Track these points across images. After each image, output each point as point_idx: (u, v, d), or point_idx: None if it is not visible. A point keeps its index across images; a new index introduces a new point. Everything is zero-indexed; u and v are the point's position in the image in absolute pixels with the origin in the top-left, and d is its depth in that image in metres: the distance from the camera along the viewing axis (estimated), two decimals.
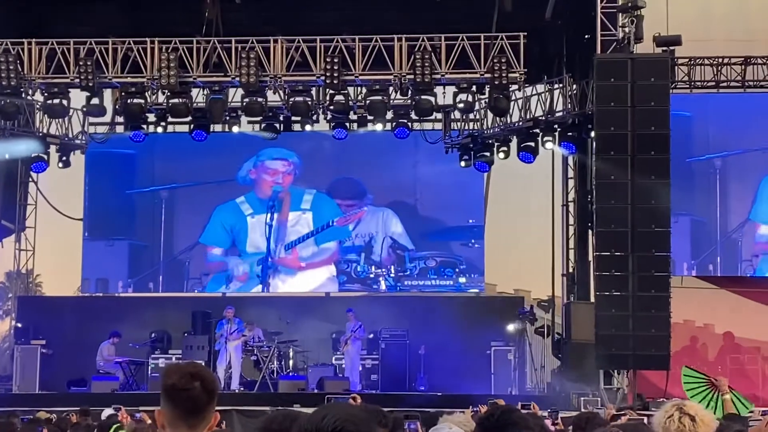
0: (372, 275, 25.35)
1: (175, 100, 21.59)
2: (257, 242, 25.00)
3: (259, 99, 21.66)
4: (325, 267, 25.28)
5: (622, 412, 13.20)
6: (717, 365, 21.95)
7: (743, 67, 22.14)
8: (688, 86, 22.21)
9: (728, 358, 22.63)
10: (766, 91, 22.30)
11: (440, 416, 6.67)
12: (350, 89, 22.32)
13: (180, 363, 4.70)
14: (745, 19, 23.05)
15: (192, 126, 23.31)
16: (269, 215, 24.94)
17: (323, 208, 25.20)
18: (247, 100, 21.81)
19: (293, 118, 23.05)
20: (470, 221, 25.47)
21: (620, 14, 20.78)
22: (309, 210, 25.20)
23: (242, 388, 22.02)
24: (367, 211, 25.30)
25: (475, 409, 12.57)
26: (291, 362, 23.09)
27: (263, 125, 23.46)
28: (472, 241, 25.36)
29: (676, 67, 21.87)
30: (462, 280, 25.32)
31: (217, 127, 23.53)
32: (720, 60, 22.17)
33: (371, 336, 23.42)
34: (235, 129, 23.33)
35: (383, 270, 25.33)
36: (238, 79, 21.16)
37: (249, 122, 23.58)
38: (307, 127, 23.40)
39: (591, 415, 8.08)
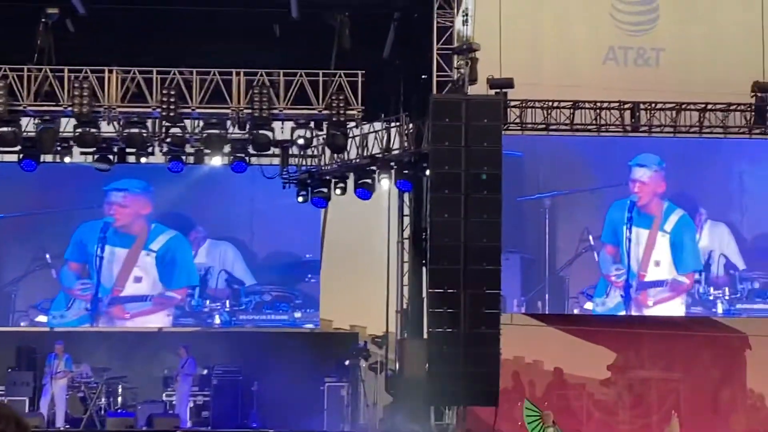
0: (206, 309, 25.09)
1: (4, 129, 21.02)
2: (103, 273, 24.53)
3: (92, 130, 21.27)
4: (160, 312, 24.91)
5: None
6: (544, 401, 22.43)
7: (572, 111, 22.83)
8: (519, 128, 22.76)
9: (555, 394, 23.17)
10: (593, 134, 23.03)
11: None
12: (187, 122, 22.13)
13: None
14: (573, 66, 23.83)
15: (21, 155, 22.71)
16: (99, 247, 24.46)
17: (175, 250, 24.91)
18: (79, 130, 21.39)
19: (128, 150, 22.70)
20: (307, 256, 25.48)
21: (456, 56, 21.20)
22: (154, 252, 24.83)
23: (68, 426, 21.46)
24: (207, 243, 25.07)
25: None
26: (120, 399, 22.63)
27: (96, 156, 23.01)
28: (309, 275, 25.37)
29: (509, 109, 22.41)
30: (297, 315, 25.27)
31: (48, 158, 22.98)
32: (550, 103, 22.81)
33: (205, 372, 23.15)
34: (67, 159, 22.83)
35: (218, 304, 25.11)
36: (70, 108, 20.74)
37: (81, 153, 23.10)
38: (143, 160, 23.07)
39: None
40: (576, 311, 23.45)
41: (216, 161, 22.87)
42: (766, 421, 23.66)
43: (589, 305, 23.26)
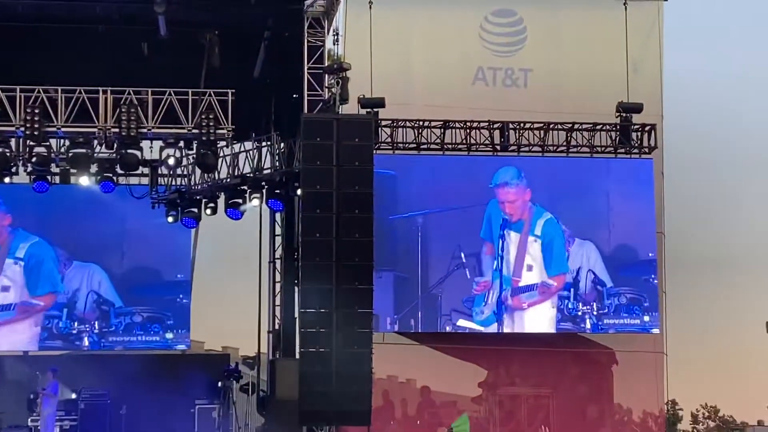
0: (75, 331, 24.58)
1: None
2: None
3: None
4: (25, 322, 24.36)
5: None
6: (416, 420, 22.53)
7: (442, 130, 23.05)
8: (391, 147, 22.88)
9: (427, 412, 23.28)
10: (463, 153, 23.28)
11: None
12: (52, 141, 21.67)
13: None
14: (443, 86, 24.09)
15: None
16: None
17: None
18: None
19: None
20: (178, 276, 25.16)
21: (326, 75, 21.22)
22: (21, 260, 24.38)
23: None
24: (74, 266, 24.61)
25: None
26: None
27: None
28: (180, 296, 25.05)
29: (380, 129, 22.51)
30: (169, 335, 24.91)
31: None
32: (421, 123, 22.98)
33: (73, 396, 22.65)
34: None
35: (86, 326, 24.62)
36: None
37: None
38: (6, 180, 22.49)
39: None
40: (448, 328, 23.60)
41: (83, 181, 22.43)
42: None
43: (462, 322, 23.43)
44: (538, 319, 23.48)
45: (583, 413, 23.84)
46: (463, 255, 23.67)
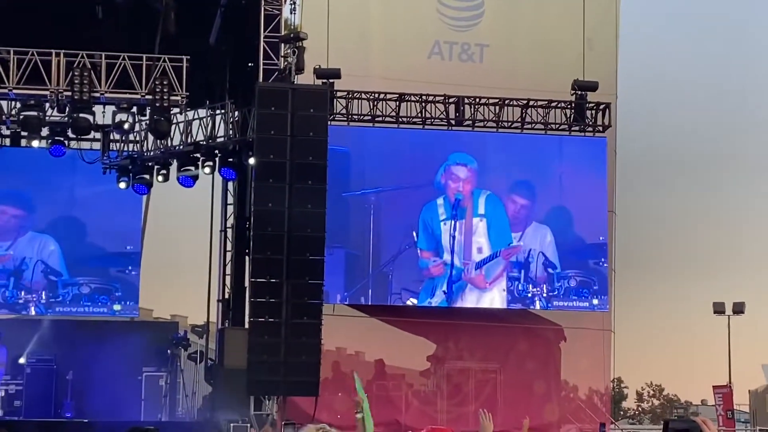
0: (21, 300, 24.29)
1: None
2: None
3: None
4: None
5: None
6: (366, 392, 22.56)
7: (397, 103, 23.01)
8: (345, 119, 22.82)
9: (375, 384, 23.32)
10: (418, 127, 23.25)
11: None
12: (3, 103, 21.40)
13: None
14: (399, 59, 24.03)
15: None
16: None
17: None
18: None
19: None
20: (128, 248, 24.87)
21: (282, 44, 21.10)
22: None
23: None
24: (28, 235, 24.29)
25: None
26: None
27: None
28: (129, 268, 24.78)
29: (335, 100, 22.43)
30: (117, 307, 24.64)
31: None
32: (376, 95, 22.92)
33: (22, 361, 22.44)
34: None
35: (33, 296, 24.32)
36: None
37: None
38: None
39: None
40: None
41: (33, 144, 22.18)
42: (577, 411, 24.34)
43: (412, 301, 23.42)
44: (489, 298, 23.52)
45: (531, 389, 23.98)
46: (414, 234, 23.66)
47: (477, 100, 23.36)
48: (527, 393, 23.82)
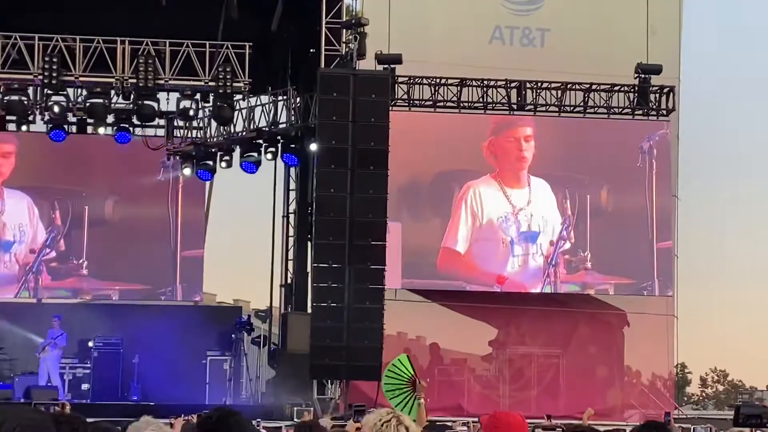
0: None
1: None
2: None
3: None
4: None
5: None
6: (426, 377, 22.59)
7: (459, 88, 22.97)
8: (407, 104, 22.83)
9: (436, 369, 23.35)
10: (480, 112, 23.18)
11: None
12: (70, 91, 21.71)
13: None
14: (460, 45, 23.96)
15: None
16: None
17: None
18: None
19: (8, 117, 22.17)
20: (192, 234, 25.11)
21: (344, 30, 21.18)
22: None
23: None
24: None
25: None
26: None
27: None
28: (193, 251, 25.05)
29: (396, 85, 22.46)
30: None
31: None
32: (438, 80, 22.90)
33: (91, 344, 22.75)
34: None
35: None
36: None
37: None
38: (23, 128, 22.56)
39: (313, 424, 8.12)
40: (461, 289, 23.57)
41: (99, 131, 22.49)
42: (640, 397, 24.21)
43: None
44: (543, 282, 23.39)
45: (593, 374, 23.89)
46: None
47: (539, 84, 23.26)
48: (590, 378, 23.74)
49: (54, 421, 3.18)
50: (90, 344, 22.74)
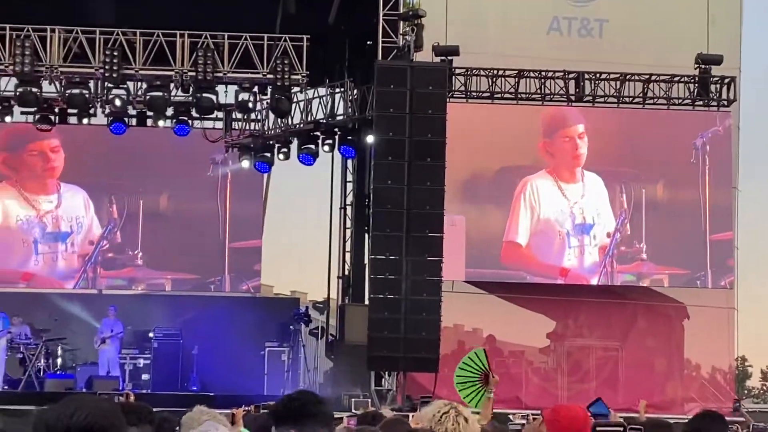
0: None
1: None
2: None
3: (34, 89, 21.01)
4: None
5: None
6: None
7: (516, 80, 22.86)
8: (464, 96, 22.76)
9: (494, 361, 23.24)
10: (537, 104, 23.07)
11: None
12: (130, 84, 21.93)
13: None
14: (517, 36, 23.85)
15: None
16: None
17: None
18: (20, 89, 21.12)
19: (69, 110, 22.45)
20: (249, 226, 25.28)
21: (401, 22, 21.17)
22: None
23: (6, 387, 21.29)
24: None
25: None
26: (59, 360, 22.47)
27: (37, 117, 22.73)
28: (252, 242, 25.23)
29: (454, 77, 22.40)
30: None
31: None
32: (495, 72, 22.81)
33: (151, 335, 22.98)
34: (8, 119, 22.56)
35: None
36: (11, 67, 20.48)
37: (22, 113, 22.82)
38: (84, 121, 22.82)
39: (376, 413, 8.14)
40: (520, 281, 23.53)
41: (159, 124, 22.69)
42: (700, 389, 24.01)
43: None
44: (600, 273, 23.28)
45: (652, 367, 23.72)
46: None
47: (597, 75, 23.09)
48: (649, 371, 23.57)
49: (121, 411, 3.22)
50: (150, 335, 22.97)
